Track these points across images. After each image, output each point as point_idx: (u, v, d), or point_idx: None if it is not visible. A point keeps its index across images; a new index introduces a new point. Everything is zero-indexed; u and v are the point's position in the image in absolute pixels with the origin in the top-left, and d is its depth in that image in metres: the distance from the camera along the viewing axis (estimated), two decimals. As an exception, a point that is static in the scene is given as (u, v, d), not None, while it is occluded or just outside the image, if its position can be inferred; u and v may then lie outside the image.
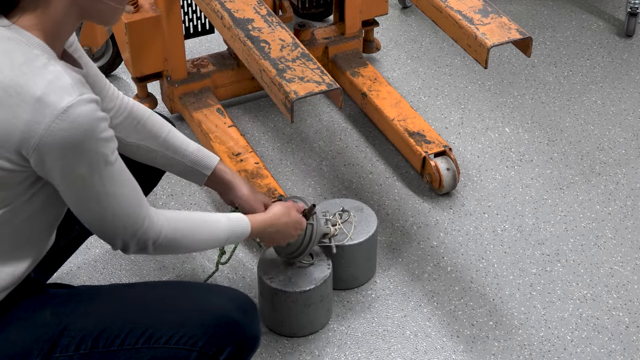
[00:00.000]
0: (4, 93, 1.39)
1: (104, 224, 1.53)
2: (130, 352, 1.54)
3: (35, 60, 1.41)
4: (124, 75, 3.01)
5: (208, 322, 1.57)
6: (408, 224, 2.46)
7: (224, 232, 1.71)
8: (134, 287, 1.66)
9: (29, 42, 1.43)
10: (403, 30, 3.27)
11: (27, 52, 1.42)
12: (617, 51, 3.17)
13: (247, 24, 2.17)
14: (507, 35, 2.12)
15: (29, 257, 1.57)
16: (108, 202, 1.49)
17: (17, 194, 1.48)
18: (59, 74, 1.40)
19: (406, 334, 2.16)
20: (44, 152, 1.40)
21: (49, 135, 1.38)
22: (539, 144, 2.75)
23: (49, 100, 1.38)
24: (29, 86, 1.38)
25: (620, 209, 2.52)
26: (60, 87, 1.39)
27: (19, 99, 1.38)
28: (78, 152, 1.41)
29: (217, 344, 1.57)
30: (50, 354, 1.53)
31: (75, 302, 1.59)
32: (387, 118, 2.66)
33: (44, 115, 1.38)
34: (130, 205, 1.52)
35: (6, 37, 1.43)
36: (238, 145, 2.52)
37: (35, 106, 1.38)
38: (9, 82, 1.39)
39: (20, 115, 1.38)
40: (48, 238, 1.62)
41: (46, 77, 1.40)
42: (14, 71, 1.39)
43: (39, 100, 1.38)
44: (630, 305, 2.24)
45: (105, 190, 1.48)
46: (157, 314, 1.58)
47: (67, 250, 1.97)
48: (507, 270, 2.33)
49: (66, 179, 1.45)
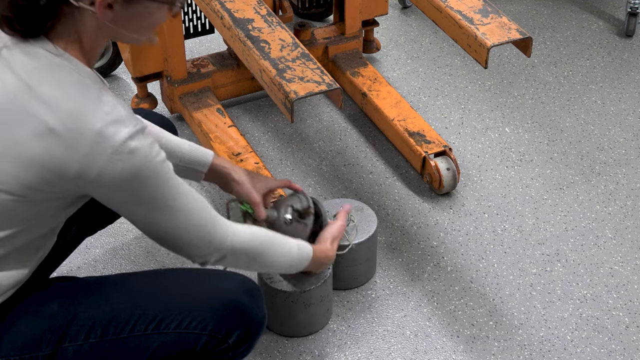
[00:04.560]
0: (62, 126, 1.39)
1: (177, 239, 1.55)
2: (140, 339, 1.56)
3: (89, 91, 1.41)
4: (124, 75, 3.01)
5: (217, 306, 1.60)
6: (408, 224, 2.46)
7: (296, 254, 1.78)
8: (141, 275, 1.68)
9: (79, 71, 1.43)
10: (403, 30, 3.27)
11: (80, 83, 1.42)
12: (617, 51, 3.17)
13: (247, 24, 2.17)
14: (507, 35, 2.12)
15: (34, 259, 1.58)
16: (177, 217, 1.52)
17: (35, 211, 1.49)
18: (114, 105, 1.42)
19: (406, 334, 2.16)
20: (104, 183, 1.42)
21: (108, 167, 1.40)
22: (539, 144, 2.75)
23: (108, 134, 1.39)
24: (88, 120, 1.39)
25: (620, 209, 2.52)
26: (117, 120, 1.40)
27: (78, 132, 1.39)
28: (138, 179, 1.44)
29: (226, 327, 1.60)
30: (59, 344, 1.54)
31: (83, 292, 1.60)
32: (387, 118, 2.66)
33: (103, 148, 1.39)
34: (200, 216, 1.55)
35: (56, 64, 1.42)
36: (238, 145, 2.52)
37: (95, 140, 1.39)
38: (66, 115, 1.39)
39: (79, 148, 1.39)
40: (52, 239, 1.63)
41: (102, 109, 1.40)
42: (70, 104, 1.39)
43: (99, 134, 1.39)
44: (630, 305, 2.24)
45: (171, 206, 1.50)
46: (166, 299, 1.60)
47: (65, 250, 1.97)
48: (507, 270, 2.33)
49: (130, 205, 1.48)
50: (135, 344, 1.57)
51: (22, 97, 1.40)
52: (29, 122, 1.39)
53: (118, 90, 2.93)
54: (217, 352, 1.62)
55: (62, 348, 1.54)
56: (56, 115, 1.38)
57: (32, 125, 1.39)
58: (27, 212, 1.48)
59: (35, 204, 1.46)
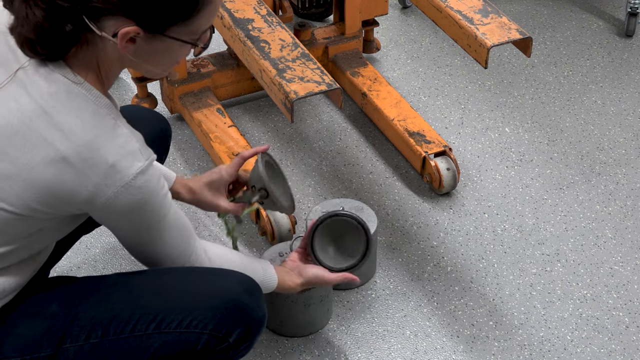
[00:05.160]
0: (76, 156, 1.40)
1: (156, 262, 1.62)
2: (142, 338, 1.57)
3: (105, 121, 1.43)
4: (124, 75, 3.01)
5: (217, 305, 1.60)
6: (408, 224, 2.46)
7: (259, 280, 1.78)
8: (140, 274, 1.68)
9: (96, 101, 1.44)
10: (403, 30, 3.27)
11: (96, 113, 1.43)
12: (617, 51, 3.17)
13: (247, 24, 2.17)
14: (507, 35, 2.12)
15: (34, 265, 1.59)
16: (163, 246, 1.59)
17: (36, 227, 1.51)
18: (128, 138, 1.44)
19: (406, 334, 2.17)
20: (109, 211, 1.46)
21: (116, 198, 1.43)
22: (539, 144, 2.75)
23: (121, 167, 1.42)
24: (102, 151, 1.41)
25: (620, 209, 2.52)
26: (131, 153, 1.43)
27: (91, 163, 1.40)
28: (142, 211, 1.49)
29: (226, 326, 1.60)
30: (60, 344, 1.54)
31: (83, 292, 1.61)
32: (387, 118, 2.66)
33: (114, 180, 1.42)
34: (181, 245, 1.62)
35: (74, 92, 1.42)
36: (238, 145, 2.52)
37: (108, 171, 1.41)
38: (81, 145, 1.40)
39: (91, 178, 1.41)
40: (52, 245, 1.64)
41: (117, 142, 1.42)
42: (86, 134, 1.40)
43: (112, 167, 1.41)
44: (630, 305, 2.24)
45: (161, 237, 1.57)
46: (166, 299, 1.61)
47: (64, 247, 1.97)
48: (507, 270, 2.33)
49: (126, 231, 1.54)
50: (136, 343, 1.57)
51: (38, 121, 1.40)
52: (43, 147, 1.40)
53: (118, 90, 2.93)
54: (217, 351, 1.62)
55: (63, 349, 1.54)
56: (71, 144, 1.40)
57: (46, 151, 1.40)
58: (29, 229, 1.49)
59: (38, 222, 1.48)
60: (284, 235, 2.30)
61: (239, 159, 1.93)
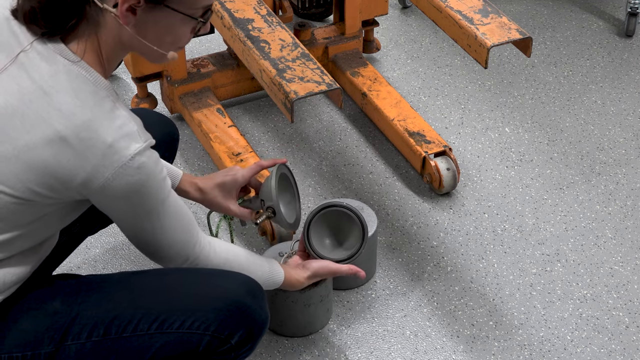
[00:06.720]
0: (75, 136, 1.40)
1: (159, 252, 1.61)
2: (143, 338, 1.57)
3: (104, 102, 1.43)
4: (124, 75, 3.01)
5: (220, 306, 1.60)
6: (408, 224, 2.46)
7: (266, 278, 1.79)
8: (144, 273, 1.69)
9: (96, 82, 1.44)
10: (403, 30, 3.27)
11: (95, 94, 1.43)
12: (617, 51, 3.17)
13: (247, 24, 2.17)
14: (507, 35, 2.12)
15: (36, 257, 1.59)
16: (164, 234, 1.58)
17: (39, 215, 1.51)
18: (126, 120, 1.44)
19: (406, 334, 2.17)
20: (108, 194, 1.46)
21: (114, 180, 1.43)
22: (539, 144, 2.75)
23: (119, 147, 1.42)
24: (100, 132, 1.41)
25: (620, 209, 2.52)
26: (129, 134, 1.43)
27: (89, 144, 1.41)
28: (140, 193, 1.48)
29: (228, 328, 1.61)
30: (61, 342, 1.54)
31: (86, 290, 1.61)
32: (387, 118, 2.66)
33: (112, 161, 1.42)
34: (183, 234, 1.61)
35: (74, 73, 1.43)
36: (238, 145, 2.53)
37: (106, 152, 1.41)
38: (80, 124, 1.41)
39: (89, 158, 1.41)
40: (55, 238, 1.64)
41: (115, 123, 1.43)
42: (85, 114, 1.41)
43: (110, 147, 1.41)
44: (630, 305, 2.24)
45: (161, 224, 1.56)
46: (169, 299, 1.61)
47: (68, 246, 1.97)
48: (507, 270, 2.33)
49: (126, 216, 1.53)
50: (137, 343, 1.57)
51: (38, 102, 1.41)
52: (42, 127, 1.40)
53: (118, 90, 2.93)
54: (219, 352, 1.62)
55: (64, 346, 1.54)
56: (70, 124, 1.40)
57: (45, 131, 1.40)
58: (31, 216, 1.49)
59: (40, 208, 1.48)
60: (284, 235, 2.30)
61: (256, 166, 1.96)
